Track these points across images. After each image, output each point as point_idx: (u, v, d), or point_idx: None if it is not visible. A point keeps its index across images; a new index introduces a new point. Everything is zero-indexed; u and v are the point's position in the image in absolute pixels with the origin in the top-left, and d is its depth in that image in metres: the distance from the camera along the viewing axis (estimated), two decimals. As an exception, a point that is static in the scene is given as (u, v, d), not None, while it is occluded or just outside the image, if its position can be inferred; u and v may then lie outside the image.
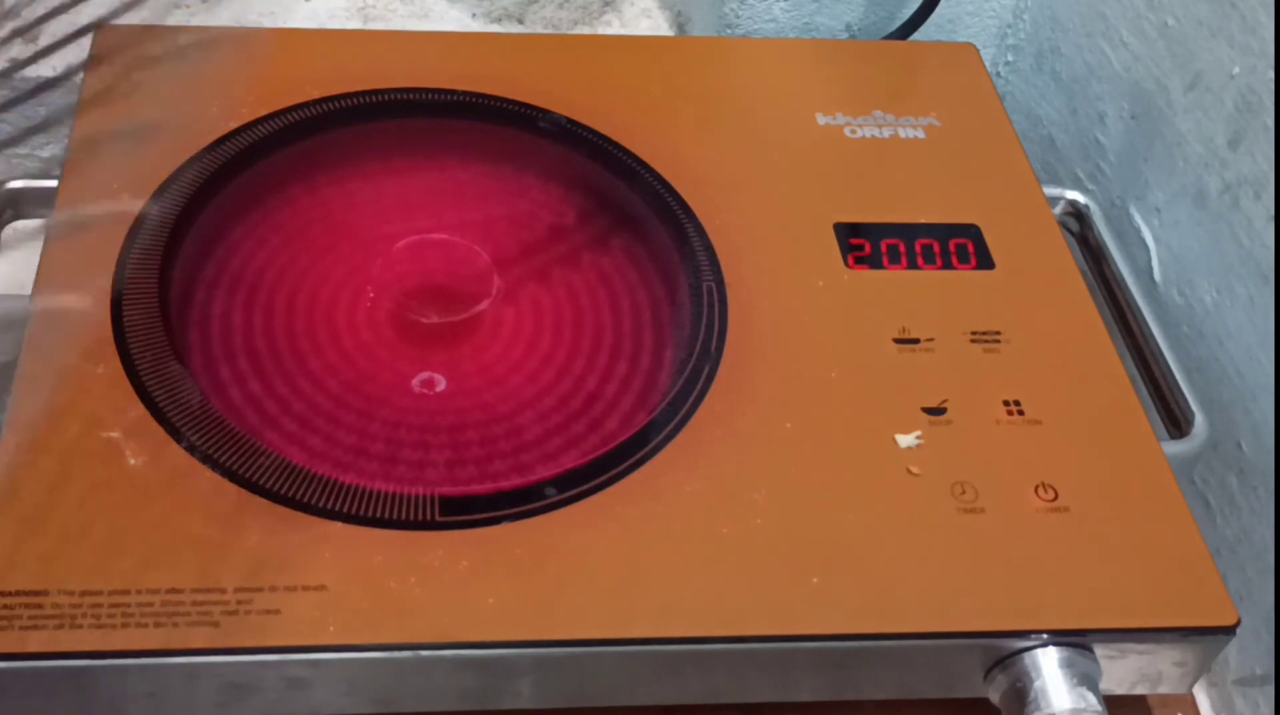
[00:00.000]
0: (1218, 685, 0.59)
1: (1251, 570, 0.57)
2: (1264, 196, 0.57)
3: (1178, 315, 0.63)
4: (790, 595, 0.47)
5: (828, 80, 0.67)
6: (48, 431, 0.48)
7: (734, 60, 0.68)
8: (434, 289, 0.52)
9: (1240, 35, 0.58)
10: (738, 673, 0.47)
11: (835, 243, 0.59)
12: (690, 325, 0.54)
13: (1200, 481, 0.61)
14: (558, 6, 0.82)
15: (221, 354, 0.51)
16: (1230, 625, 0.48)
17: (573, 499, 0.48)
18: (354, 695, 0.46)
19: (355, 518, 0.47)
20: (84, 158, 0.57)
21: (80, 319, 0.51)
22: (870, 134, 0.64)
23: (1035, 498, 0.50)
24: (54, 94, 0.71)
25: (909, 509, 0.49)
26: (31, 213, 0.59)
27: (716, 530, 0.48)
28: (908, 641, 0.47)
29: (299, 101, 0.59)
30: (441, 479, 0.47)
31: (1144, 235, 0.66)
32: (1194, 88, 0.62)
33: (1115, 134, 0.68)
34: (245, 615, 0.44)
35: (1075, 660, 0.47)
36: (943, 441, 0.52)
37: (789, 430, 0.51)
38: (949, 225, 0.60)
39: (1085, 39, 0.70)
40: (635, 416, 0.50)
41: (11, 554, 0.45)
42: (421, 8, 0.79)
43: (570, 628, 0.45)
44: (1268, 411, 0.56)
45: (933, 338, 0.55)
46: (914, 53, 0.71)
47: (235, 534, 0.46)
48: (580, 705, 0.47)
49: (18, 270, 0.66)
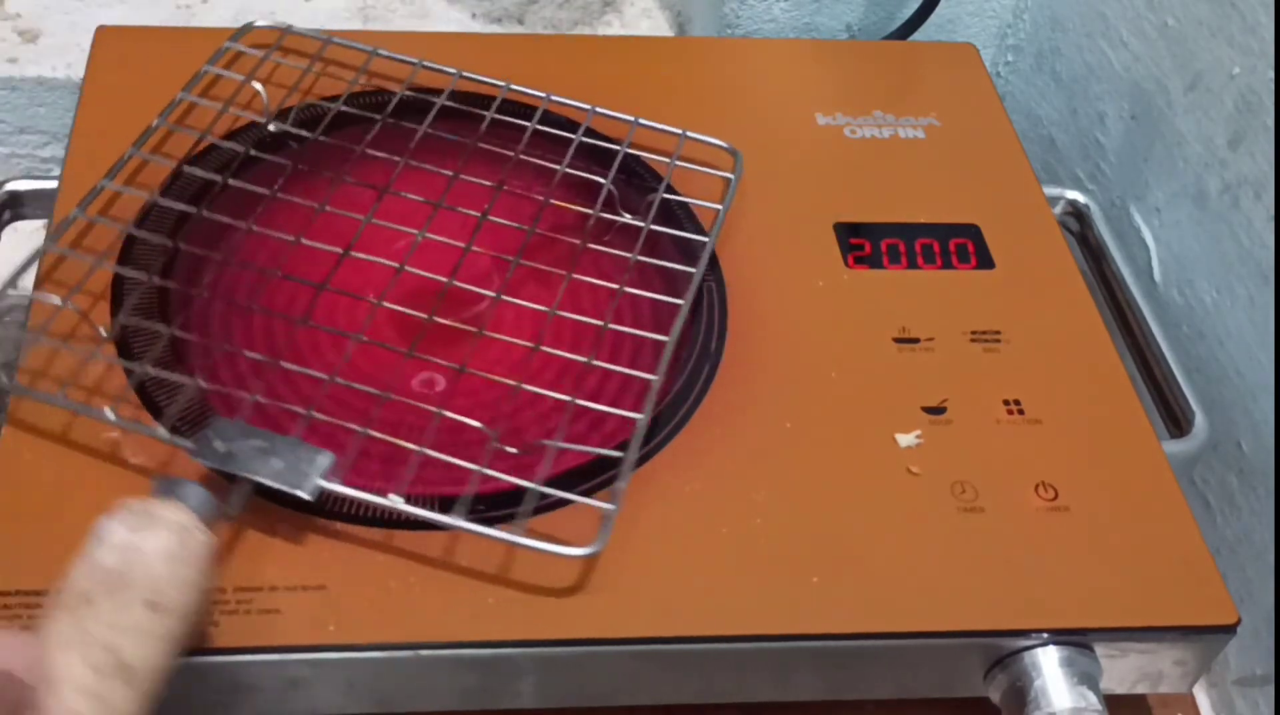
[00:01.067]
0: (1218, 685, 0.59)
1: (1251, 570, 0.57)
2: (1264, 196, 0.57)
3: (1178, 315, 0.63)
4: (790, 595, 0.47)
5: (828, 80, 0.67)
6: (48, 431, 0.48)
7: (734, 60, 0.69)
8: (434, 289, 0.52)
9: (1240, 35, 0.58)
10: (738, 673, 0.47)
11: (835, 243, 0.59)
12: (690, 325, 0.54)
13: (1200, 481, 0.61)
14: (558, 6, 0.82)
15: (222, 354, 0.51)
16: (1230, 625, 0.48)
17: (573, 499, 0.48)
18: (354, 695, 0.46)
19: (355, 518, 0.47)
20: (84, 158, 0.57)
21: (80, 319, 0.51)
22: (870, 134, 0.64)
23: (1035, 497, 0.50)
24: (54, 94, 0.71)
25: (909, 509, 0.49)
26: (31, 213, 0.59)
27: (716, 530, 0.48)
28: (908, 641, 0.47)
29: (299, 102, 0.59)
30: (442, 479, 0.47)
31: (1144, 235, 0.66)
32: (1194, 88, 0.62)
33: (1115, 134, 0.68)
34: (245, 615, 0.44)
35: (1075, 659, 0.47)
36: (943, 441, 0.52)
37: (789, 430, 0.51)
38: (949, 225, 0.60)
39: (1085, 39, 0.71)
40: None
41: (11, 554, 0.45)
42: (421, 8, 0.79)
43: (570, 628, 0.45)
44: (1268, 411, 0.56)
45: (933, 337, 0.55)
46: (914, 53, 0.71)
47: (235, 534, 0.46)
48: (580, 705, 0.47)
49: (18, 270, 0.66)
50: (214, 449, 0.45)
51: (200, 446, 0.46)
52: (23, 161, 0.74)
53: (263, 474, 0.45)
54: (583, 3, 0.82)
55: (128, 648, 0.37)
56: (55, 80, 0.71)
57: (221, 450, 0.45)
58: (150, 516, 0.40)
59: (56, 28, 0.73)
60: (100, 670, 0.36)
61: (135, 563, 0.39)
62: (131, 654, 0.37)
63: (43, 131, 0.73)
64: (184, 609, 0.39)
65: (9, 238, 0.60)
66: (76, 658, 0.36)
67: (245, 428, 0.46)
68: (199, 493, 0.42)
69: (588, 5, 0.82)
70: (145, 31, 0.64)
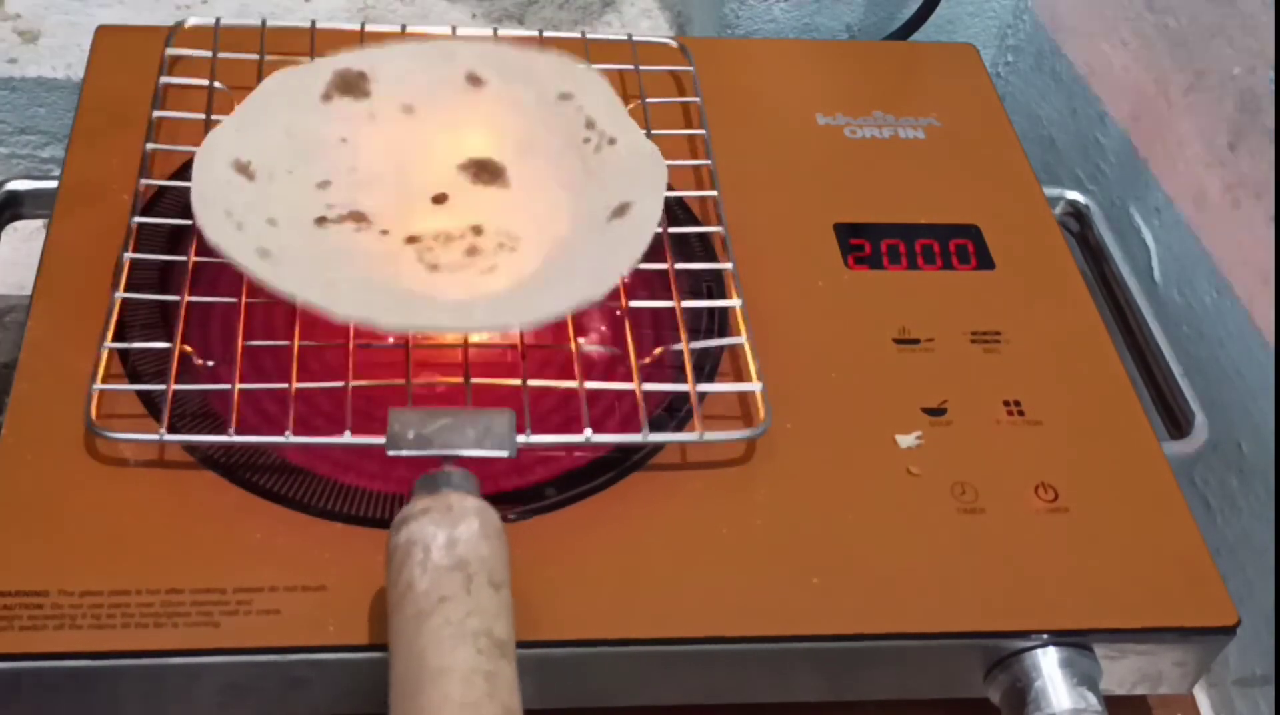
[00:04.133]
0: (1218, 685, 0.59)
1: (1251, 570, 0.57)
2: (1264, 197, 0.57)
3: (1178, 315, 0.63)
4: (790, 595, 0.47)
5: (828, 80, 0.67)
6: (48, 431, 0.48)
7: (734, 60, 0.68)
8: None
9: (1240, 35, 0.58)
10: (738, 673, 0.47)
11: (835, 243, 0.59)
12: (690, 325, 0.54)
13: (1200, 481, 0.61)
14: (558, 7, 0.82)
15: (222, 354, 0.51)
16: (1230, 625, 0.48)
17: (573, 499, 0.48)
18: (354, 695, 0.45)
19: (355, 518, 0.47)
20: (84, 158, 0.57)
21: (80, 319, 0.51)
22: (870, 134, 0.64)
23: (1035, 498, 0.50)
24: (54, 94, 0.71)
25: (909, 509, 0.49)
26: (31, 213, 0.59)
27: (716, 530, 0.48)
28: (908, 642, 0.47)
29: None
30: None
31: (1144, 235, 0.66)
32: (1194, 88, 0.62)
33: (1115, 134, 0.68)
34: (245, 615, 0.44)
35: (1075, 660, 0.47)
36: (943, 441, 0.52)
37: (789, 430, 0.51)
38: (949, 225, 0.60)
39: (1085, 39, 0.71)
40: (635, 416, 0.50)
41: (11, 554, 0.45)
42: (421, 8, 0.79)
43: (570, 628, 0.45)
44: (1268, 411, 0.56)
45: (933, 338, 0.55)
46: (914, 53, 0.71)
47: (235, 534, 0.46)
48: (580, 705, 0.47)
49: (18, 270, 0.66)
50: (407, 438, 0.46)
51: (392, 439, 0.46)
52: (23, 161, 0.74)
53: (464, 446, 0.46)
54: (583, 3, 0.82)
55: (497, 627, 0.40)
56: (55, 80, 0.71)
57: (413, 437, 0.46)
58: (451, 509, 0.42)
59: (56, 28, 0.73)
60: (486, 653, 0.39)
61: (466, 553, 0.41)
62: (501, 631, 0.40)
63: (43, 131, 0.73)
64: (510, 578, 0.42)
65: (9, 238, 0.60)
66: (465, 649, 0.39)
67: (422, 412, 0.47)
68: (462, 474, 0.44)
69: (588, 5, 0.82)
70: (145, 31, 0.64)
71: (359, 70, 0.57)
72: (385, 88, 0.57)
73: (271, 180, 0.53)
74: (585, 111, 0.55)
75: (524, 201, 0.54)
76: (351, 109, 0.57)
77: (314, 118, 0.56)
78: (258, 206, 0.52)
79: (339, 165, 0.55)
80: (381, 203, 0.54)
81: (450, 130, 0.57)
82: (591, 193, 0.53)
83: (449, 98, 0.57)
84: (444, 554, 0.41)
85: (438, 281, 0.51)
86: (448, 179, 0.55)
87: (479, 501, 0.43)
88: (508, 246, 0.52)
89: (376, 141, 0.56)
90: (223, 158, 0.53)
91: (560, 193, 0.54)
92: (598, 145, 0.53)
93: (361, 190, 0.54)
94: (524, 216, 0.54)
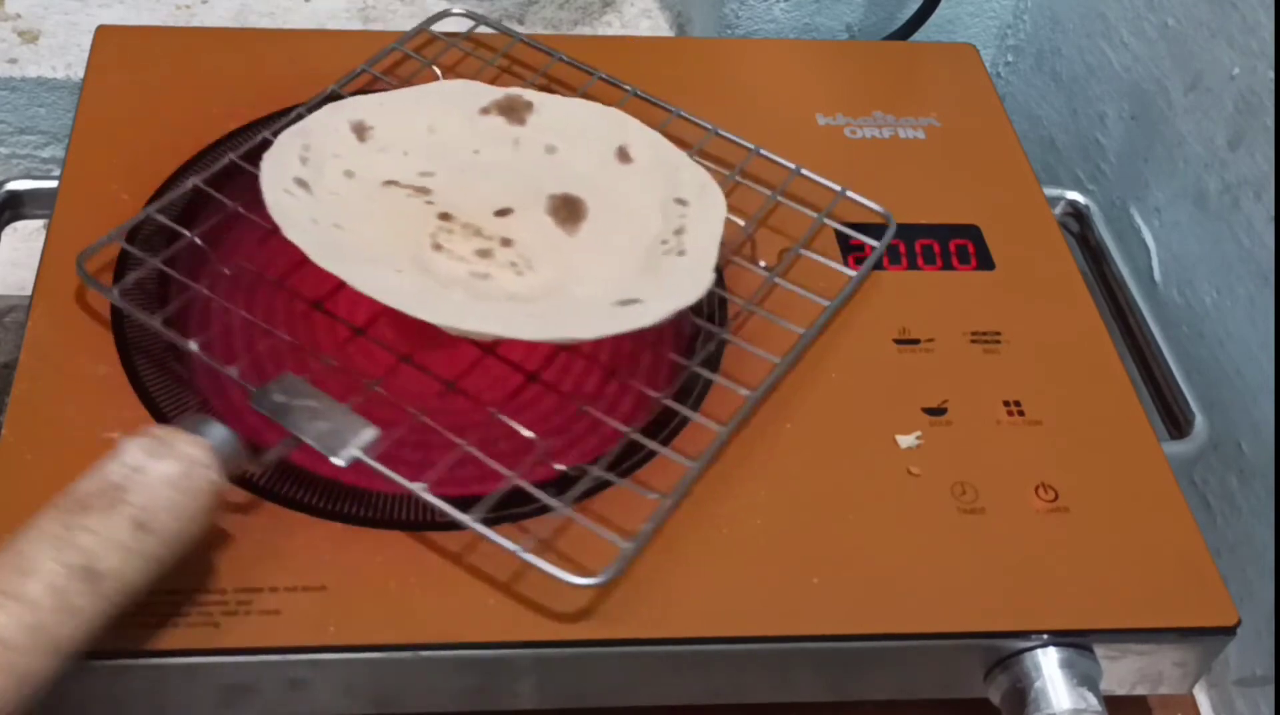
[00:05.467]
0: (1218, 685, 0.59)
1: (1252, 571, 0.57)
2: (1264, 197, 0.57)
3: (1178, 315, 0.63)
4: (790, 595, 0.47)
5: (828, 80, 0.67)
6: (48, 431, 0.48)
7: (734, 60, 0.68)
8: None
9: (1240, 35, 0.58)
10: (738, 673, 0.47)
11: (835, 242, 0.59)
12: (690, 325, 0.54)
13: (1200, 482, 0.61)
14: (558, 7, 0.82)
15: (222, 354, 0.51)
16: (1230, 626, 0.48)
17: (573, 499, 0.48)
18: (354, 695, 0.46)
19: (355, 518, 0.47)
20: (84, 158, 0.57)
21: (80, 319, 0.51)
22: (870, 134, 0.64)
23: (1035, 498, 0.50)
24: (54, 94, 0.71)
25: (909, 510, 0.49)
26: (31, 213, 0.59)
27: (716, 530, 0.48)
28: (908, 643, 0.47)
29: (299, 102, 0.59)
30: (442, 479, 0.47)
31: (1144, 235, 0.66)
32: (1194, 88, 0.62)
33: (1115, 134, 0.68)
34: (245, 615, 0.44)
35: (1075, 661, 0.47)
36: (943, 442, 0.52)
37: (789, 430, 0.51)
38: (949, 225, 0.60)
39: (1085, 39, 0.71)
40: (635, 416, 0.50)
41: (11, 554, 0.45)
42: (421, 8, 0.79)
43: (571, 628, 0.45)
44: (1268, 411, 0.56)
45: (933, 338, 0.55)
46: (914, 53, 0.71)
47: (235, 534, 0.46)
48: (580, 705, 0.47)
49: (18, 270, 0.66)
50: (272, 399, 0.46)
51: (260, 394, 0.46)
52: (23, 161, 0.74)
53: (305, 433, 0.46)
54: (583, 3, 0.82)
55: (104, 557, 0.39)
56: (55, 80, 0.71)
57: (278, 402, 0.46)
58: (166, 444, 0.42)
59: (56, 28, 0.73)
60: (70, 568, 0.38)
61: (137, 482, 0.41)
62: (106, 564, 0.39)
63: (43, 131, 0.73)
64: (172, 537, 0.41)
65: (9, 238, 0.60)
66: (50, 551, 0.38)
67: (310, 388, 0.47)
68: (224, 434, 0.43)
69: (588, 5, 0.82)
70: (145, 31, 0.64)
71: (528, 100, 0.58)
72: (541, 123, 0.58)
73: (381, 151, 0.55)
74: (685, 221, 0.54)
75: (568, 250, 0.54)
76: (501, 130, 0.58)
77: (462, 125, 0.57)
78: (346, 159, 0.53)
79: (453, 164, 0.56)
80: (457, 193, 0.55)
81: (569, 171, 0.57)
82: (627, 283, 0.52)
83: (591, 159, 0.57)
84: (121, 470, 0.41)
85: (433, 258, 0.51)
86: (530, 199, 0.55)
87: (206, 459, 0.42)
88: (517, 268, 0.52)
89: (505, 160, 0.57)
90: (348, 113, 0.55)
91: (603, 266, 0.53)
92: (668, 250, 0.53)
93: (454, 185, 0.55)
94: (555, 258, 0.53)
